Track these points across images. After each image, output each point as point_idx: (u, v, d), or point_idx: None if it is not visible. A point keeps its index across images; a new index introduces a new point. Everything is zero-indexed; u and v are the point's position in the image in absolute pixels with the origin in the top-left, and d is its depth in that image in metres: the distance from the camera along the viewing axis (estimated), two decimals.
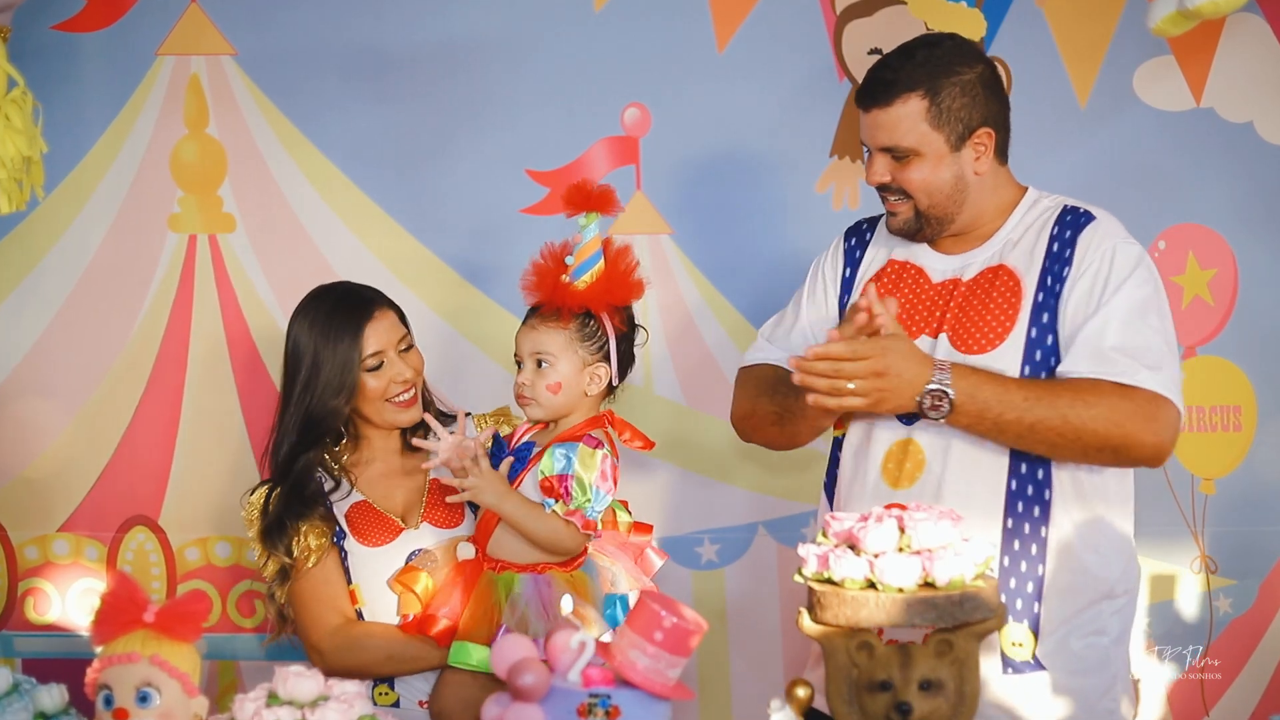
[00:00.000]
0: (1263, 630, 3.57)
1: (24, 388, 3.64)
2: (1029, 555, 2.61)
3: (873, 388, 2.48)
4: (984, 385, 2.52)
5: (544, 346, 2.74)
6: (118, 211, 3.63)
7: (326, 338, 2.86)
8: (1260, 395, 3.55)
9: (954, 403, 2.50)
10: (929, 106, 2.62)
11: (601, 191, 2.73)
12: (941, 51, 2.67)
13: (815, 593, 2.11)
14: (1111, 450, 2.54)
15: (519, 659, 1.90)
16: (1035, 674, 2.61)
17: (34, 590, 3.66)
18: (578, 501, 2.68)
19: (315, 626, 2.83)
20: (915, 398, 2.50)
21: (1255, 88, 3.53)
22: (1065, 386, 2.53)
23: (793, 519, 3.60)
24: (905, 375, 2.49)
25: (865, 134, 2.70)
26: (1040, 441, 2.54)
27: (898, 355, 2.49)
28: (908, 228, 2.72)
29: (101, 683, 1.93)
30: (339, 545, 2.86)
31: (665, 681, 1.92)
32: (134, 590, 1.97)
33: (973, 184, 2.69)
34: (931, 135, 2.64)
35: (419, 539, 2.88)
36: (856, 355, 2.47)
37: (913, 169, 2.65)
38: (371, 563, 2.86)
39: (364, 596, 2.85)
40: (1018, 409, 2.51)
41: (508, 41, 3.61)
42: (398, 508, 2.92)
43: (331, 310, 2.90)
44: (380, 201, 3.64)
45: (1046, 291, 2.62)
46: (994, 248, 2.71)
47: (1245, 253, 3.56)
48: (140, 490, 3.64)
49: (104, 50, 3.61)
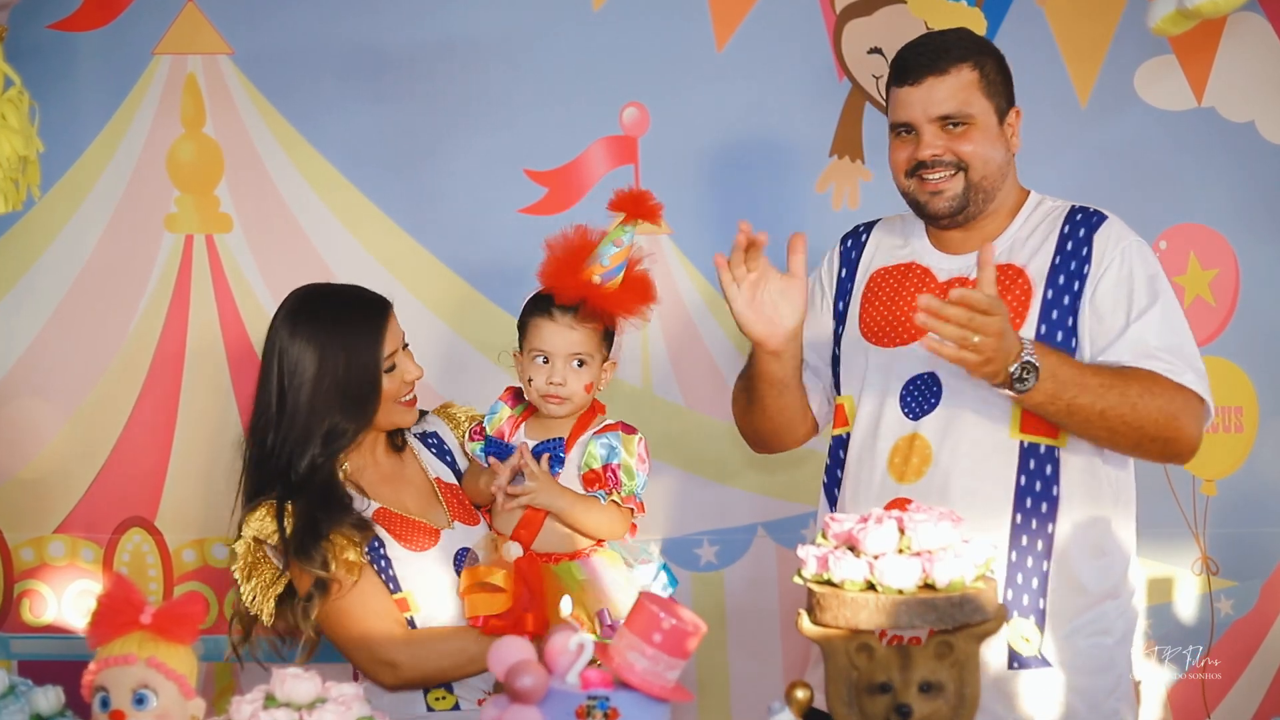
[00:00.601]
0: (1264, 632, 3.57)
1: (20, 388, 3.64)
2: (1035, 551, 2.62)
3: (991, 346, 2.41)
4: (1063, 365, 2.52)
5: (584, 347, 2.77)
6: (114, 211, 3.63)
7: (346, 341, 2.76)
8: (1262, 396, 3.55)
9: (1039, 377, 2.47)
10: (979, 77, 2.67)
11: (656, 204, 2.76)
12: (968, 34, 2.76)
13: (815, 594, 2.10)
14: (1163, 442, 2.58)
15: (517, 661, 1.89)
16: (1042, 670, 2.62)
17: (30, 592, 3.66)
18: (627, 487, 2.74)
19: (382, 641, 2.68)
20: (1009, 367, 2.46)
21: (1256, 87, 3.53)
22: (1134, 376, 2.55)
23: (792, 520, 3.60)
24: (1009, 342, 2.45)
25: (915, 109, 2.68)
26: (1104, 427, 2.55)
27: (1007, 322, 2.45)
28: (954, 205, 2.70)
29: (98, 685, 1.92)
30: (376, 555, 2.74)
31: (664, 683, 1.92)
32: (131, 592, 1.95)
33: (1009, 165, 2.73)
34: (985, 104, 2.68)
35: (457, 539, 2.81)
36: (993, 309, 2.41)
37: (970, 138, 2.67)
38: (419, 568, 2.76)
39: (416, 603, 2.74)
40: (1092, 392, 2.51)
41: (506, 40, 3.61)
42: (415, 511, 2.83)
43: (344, 313, 2.81)
44: (378, 201, 3.63)
45: (1058, 289, 2.64)
46: (1001, 246, 2.71)
47: (1247, 253, 3.56)
48: (137, 491, 3.64)
49: (100, 49, 3.60)
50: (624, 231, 2.73)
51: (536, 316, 2.79)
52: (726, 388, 2.98)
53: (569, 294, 2.74)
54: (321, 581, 2.66)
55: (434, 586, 2.75)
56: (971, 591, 2.06)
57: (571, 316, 2.76)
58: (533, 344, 2.79)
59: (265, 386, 2.78)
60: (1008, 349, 2.44)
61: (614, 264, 2.73)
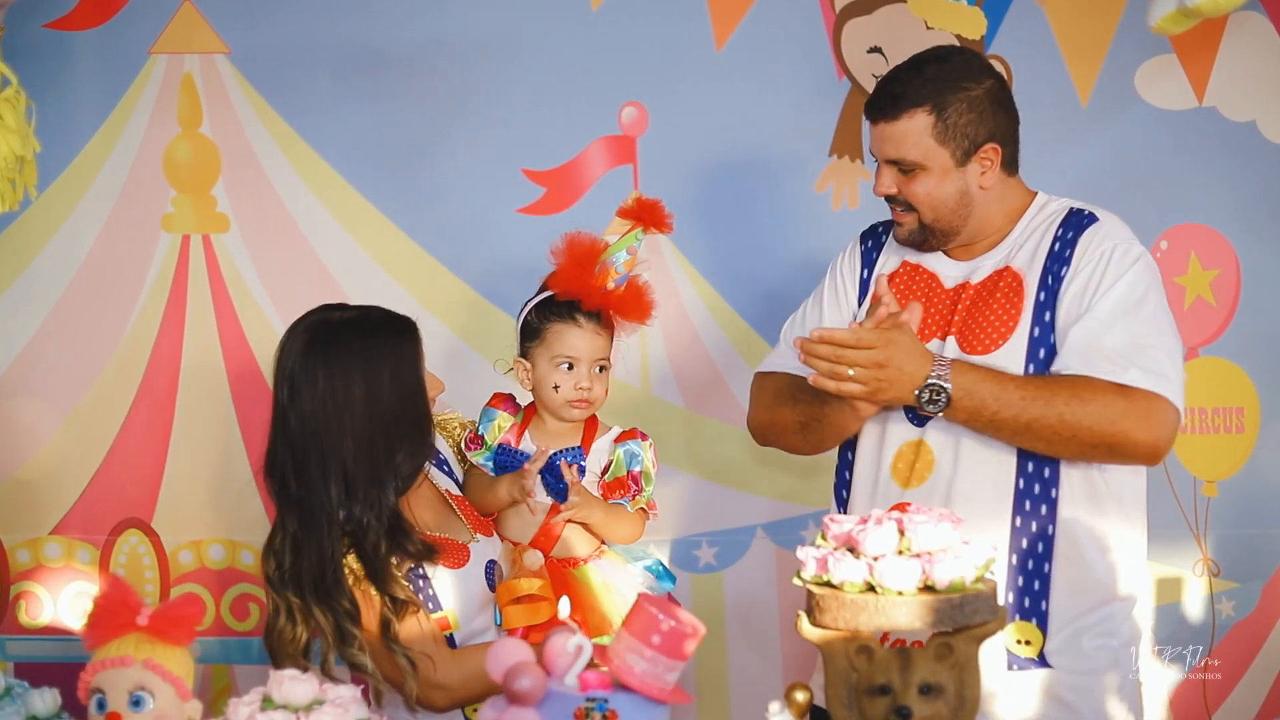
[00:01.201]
0: (1265, 633, 3.56)
1: (16, 389, 3.63)
2: (1035, 553, 2.62)
3: (871, 377, 2.52)
4: (981, 382, 2.54)
5: (606, 352, 2.81)
6: (110, 211, 3.62)
7: (404, 366, 2.65)
8: (1263, 397, 3.54)
9: (950, 397, 2.53)
10: (935, 122, 2.64)
11: (668, 214, 2.79)
12: (950, 67, 2.67)
13: (814, 596, 2.10)
14: (1107, 448, 2.56)
15: (515, 662, 1.88)
16: (1040, 671, 2.62)
17: (26, 594, 3.66)
18: (648, 493, 2.80)
19: (437, 665, 2.60)
20: (914, 391, 2.54)
21: (1258, 86, 3.52)
22: (1062, 384, 2.55)
23: (791, 521, 3.60)
24: (906, 368, 2.52)
25: (873, 145, 2.73)
26: (1037, 439, 2.56)
27: (900, 349, 2.52)
28: (913, 238, 2.75)
29: (94, 687, 1.92)
30: (415, 575, 2.64)
31: (663, 685, 1.91)
32: (127, 593, 1.95)
33: (978, 198, 2.70)
34: (937, 150, 2.65)
35: (485, 551, 2.76)
36: (860, 344, 2.51)
37: (918, 182, 2.67)
38: (457, 585, 2.71)
39: (459, 620, 2.68)
40: (1014, 406, 2.54)
41: (504, 40, 3.60)
42: (434, 527, 2.74)
43: (408, 341, 2.69)
44: (375, 201, 3.63)
45: (1047, 291, 2.64)
46: (1002, 252, 2.72)
47: (1248, 253, 3.55)
48: (133, 492, 3.63)
49: (97, 49, 3.60)
50: (635, 239, 2.76)
51: (559, 322, 2.78)
52: (725, 389, 2.98)
53: (594, 301, 2.76)
54: (393, 606, 2.57)
55: (472, 602, 2.71)
56: (972, 592, 2.06)
57: (596, 323, 2.78)
58: (556, 350, 2.78)
59: (285, 424, 2.61)
60: (900, 378, 2.52)
61: (626, 271, 2.77)
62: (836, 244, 2.98)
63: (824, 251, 3.41)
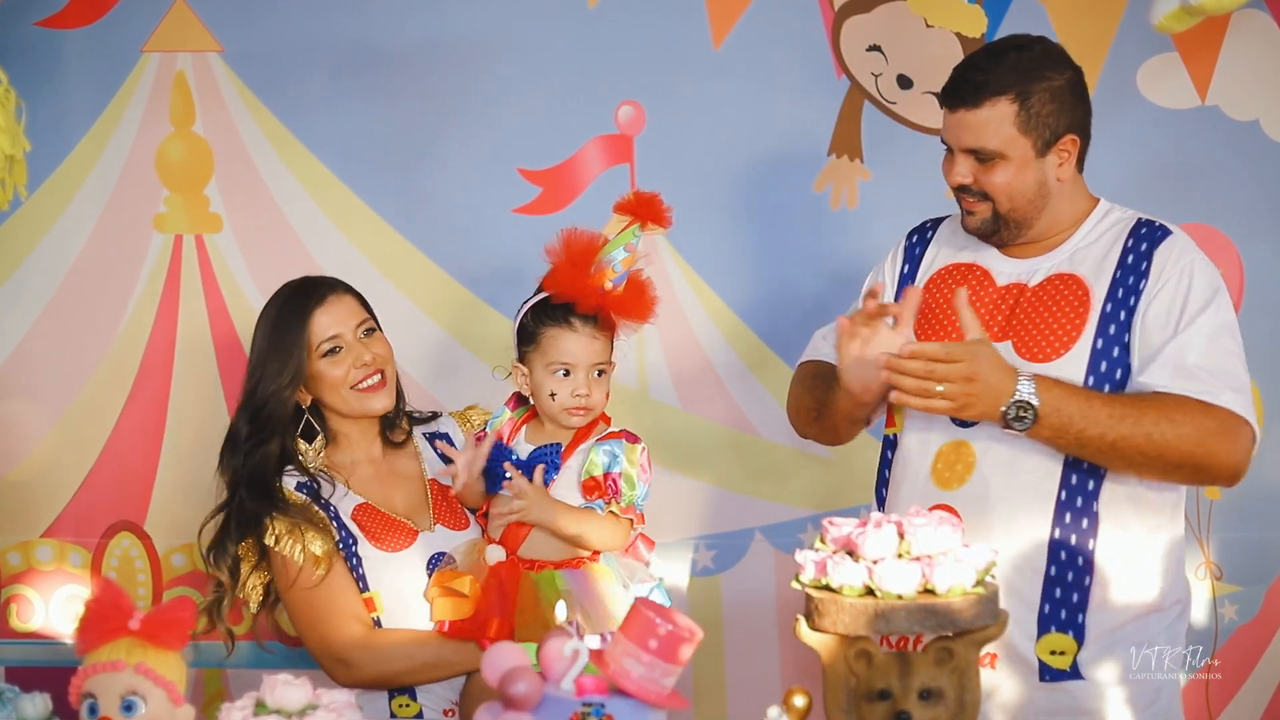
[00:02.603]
0: (1269, 638, 3.56)
1: (7, 390, 3.63)
2: (1075, 566, 2.60)
3: (961, 392, 2.47)
4: (1069, 399, 2.51)
5: (604, 356, 2.77)
6: (102, 211, 3.62)
7: (275, 327, 2.84)
8: (1267, 399, 3.51)
9: (1038, 414, 2.49)
10: (1019, 111, 2.60)
11: (666, 208, 2.76)
12: (1033, 55, 2.64)
13: (813, 599, 2.09)
14: (1192, 469, 2.55)
15: (511, 667, 1.88)
16: (1072, 683, 2.61)
17: (17, 597, 3.65)
18: (627, 497, 2.72)
19: (337, 638, 2.73)
20: (1001, 407, 2.50)
21: (1261, 85, 3.51)
22: (1150, 403, 2.53)
23: (789, 524, 3.59)
24: (993, 383, 2.49)
25: (949, 134, 2.68)
26: (1120, 458, 2.54)
27: (986, 362, 2.49)
28: (984, 228, 2.70)
29: (86, 691, 1.91)
30: (349, 551, 2.78)
31: (660, 690, 1.91)
32: (119, 597, 1.94)
33: (1054, 191, 2.67)
34: (1019, 140, 2.62)
35: (436, 542, 2.81)
36: (951, 357, 2.47)
37: (997, 172, 2.63)
38: (390, 568, 2.78)
39: (383, 604, 2.77)
40: (1101, 425, 2.50)
41: (499, 38, 3.59)
42: (400, 510, 2.86)
43: (284, 300, 2.87)
44: (369, 201, 3.62)
45: (1117, 303, 2.62)
46: (1063, 255, 2.70)
47: (1250, 253, 3.53)
48: (125, 495, 3.63)
49: (88, 47, 3.59)
50: (633, 235, 2.73)
51: (554, 327, 2.75)
52: (722, 389, 2.97)
53: (590, 302, 2.72)
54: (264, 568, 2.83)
55: (402, 588, 2.76)
56: (972, 596, 2.05)
57: (593, 326, 2.74)
58: (552, 356, 2.74)
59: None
60: (988, 393, 2.48)
61: (625, 268, 2.73)
62: (836, 244, 2.98)
63: (823, 251, 3.40)
